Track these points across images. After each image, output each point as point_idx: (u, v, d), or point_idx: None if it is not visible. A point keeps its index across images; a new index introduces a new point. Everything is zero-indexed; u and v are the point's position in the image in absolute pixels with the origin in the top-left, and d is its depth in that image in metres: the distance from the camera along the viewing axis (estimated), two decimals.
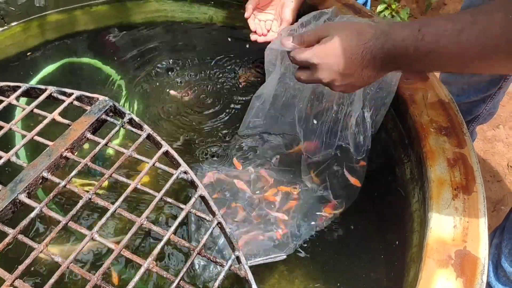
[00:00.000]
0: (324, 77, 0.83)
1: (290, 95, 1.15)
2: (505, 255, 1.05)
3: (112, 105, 0.77)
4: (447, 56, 0.69)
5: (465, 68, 0.73)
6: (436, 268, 0.68)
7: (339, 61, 0.80)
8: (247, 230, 1.04)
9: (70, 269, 0.57)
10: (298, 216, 1.07)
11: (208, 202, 0.66)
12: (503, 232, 1.08)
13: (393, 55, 0.74)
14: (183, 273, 0.58)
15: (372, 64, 0.78)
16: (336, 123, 1.11)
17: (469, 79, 1.30)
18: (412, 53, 0.72)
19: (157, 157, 0.70)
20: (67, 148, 0.70)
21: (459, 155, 0.84)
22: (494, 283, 1.09)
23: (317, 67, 0.83)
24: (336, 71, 0.81)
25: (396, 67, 0.80)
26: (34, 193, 0.67)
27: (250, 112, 1.18)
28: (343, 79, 0.82)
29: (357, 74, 0.81)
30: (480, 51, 0.64)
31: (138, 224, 0.62)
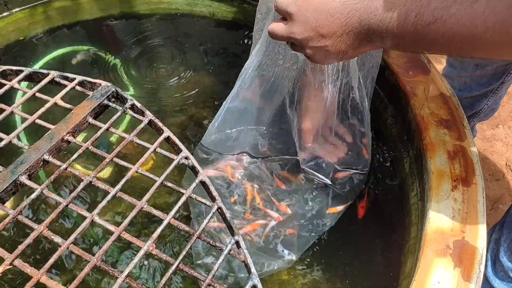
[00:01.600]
0: (298, 31, 0.73)
1: (278, 75, 1.08)
2: (504, 249, 1.05)
3: (114, 90, 0.77)
4: (454, 29, 0.58)
5: (471, 47, 0.60)
6: (434, 258, 0.68)
7: (319, 16, 0.70)
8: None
9: (70, 250, 0.57)
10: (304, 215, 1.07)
11: (208, 187, 0.66)
12: (502, 227, 1.08)
13: (386, 23, 0.64)
14: (182, 256, 0.58)
15: (356, 31, 0.68)
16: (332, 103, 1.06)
17: (472, 73, 1.30)
18: (411, 22, 0.62)
19: (159, 142, 0.71)
20: (69, 131, 0.70)
21: (459, 147, 0.84)
22: (492, 278, 1.09)
23: (293, 17, 0.73)
24: (312, 27, 0.71)
25: (383, 42, 0.68)
26: (35, 175, 0.67)
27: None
28: (317, 39, 0.72)
29: (335, 38, 0.71)
30: (497, 24, 0.55)
31: (138, 208, 0.62)
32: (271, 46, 1.00)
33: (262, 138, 1.17)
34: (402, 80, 1.00)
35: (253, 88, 1.07)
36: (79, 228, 0.59)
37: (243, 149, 1.16)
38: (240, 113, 1.12)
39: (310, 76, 1.00)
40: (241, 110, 1.11)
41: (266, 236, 1.03)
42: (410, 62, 1.04)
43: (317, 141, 1.11)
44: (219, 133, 1.13)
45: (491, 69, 1.27)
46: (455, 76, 1.36)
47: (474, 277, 0.66)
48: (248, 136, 1.16)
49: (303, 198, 1.09)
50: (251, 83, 1.04)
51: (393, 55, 1.06)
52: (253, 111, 1.14)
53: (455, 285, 0.65)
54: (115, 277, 0.55)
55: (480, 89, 1.33)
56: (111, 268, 0.56)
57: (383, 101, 1.11)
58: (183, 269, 0.57)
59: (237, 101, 1.07)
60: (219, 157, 1.15)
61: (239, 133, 1.15)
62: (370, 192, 1.10)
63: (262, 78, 1.06)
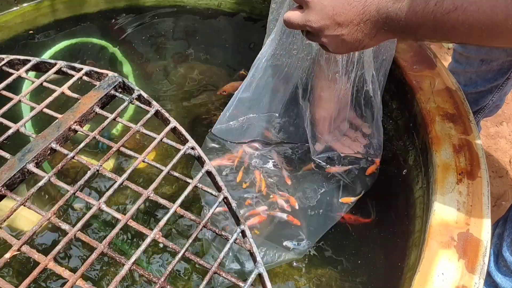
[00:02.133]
0: (314, 19, 0.73)
1: (292, 65, 1.08)
2: (507, 244, 1.05)
3: (121, 81, 0.77)
4: (474, 17, 0.57)
5: (492, 35, 0.59)
6: (439, 249, 0.69)
7: (336, 4, 0.69)
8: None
9: (78, 236, 0.58)
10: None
11: (214, 177, 0.67)
12: (506, 222, 1.08)
13: (405, 12, 0.64)
14: (188, 244, 0.58)
15: (374, 20, 0.68)
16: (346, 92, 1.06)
17: (478, 68, 1.30)
18: (431, 11, 0.61)
19: (165, 133, 0.71)
20: (76, 121, 0.70)
21: (464, 141, 0.84)
22: (494, 273, 1.09)
23: (310, 5, 0.72)
24: (329, 15, 0.71)
25: (402, 31, 0.67)
26: (42, 163, 0.67)
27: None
28: (334, 27, 0.71)
29: (352, 27, 0.70)
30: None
31: (145, 196, 0.63)
32: (285, 36, 1.00)
33: (274, 126, 1.17)
34: (408, 74, 1.00)
35: (266, 78, 1.07)
36: (86, 215, 0.59)
37: (255, 137, 1.17)
38: (252, 103, 1.12)
39: (324, 67, 1.00)
40: (253, 99, 1.11)
41: (273, 227, 1.03)
42: (416, 56, 1.04)
43: (332, 133, 1.11)
44: (230, 121, 1.14)
45: (496, 65, 1.27)
46: (461, 72, 1.36)
47: (478, 269, 0.66)
48: (260, 124, 1.17)
49: (313, 189, 1.09)
50: (264, 72, 1.04)
51: (399, 49, 1.06)
52: (266, 100, 1.14)
53: (459, 277, 0.66)
54: (121, 264, 0.56)
55: (485, 84, 1.33)
56: (118, 255, 0.56)
57: (389, 94, 1.11)
58: (189, 257, 0.58)
59: (250, 91, 1.08)
60: (230, 146, 1.16)
61: (251, 121, 1.15)
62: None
63: (275, 68, 1.07)
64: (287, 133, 1.17)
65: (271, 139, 1.17)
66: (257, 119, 1.15)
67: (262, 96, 1.12)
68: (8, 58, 0.79)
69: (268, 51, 1.02)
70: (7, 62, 0.78)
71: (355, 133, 1.13)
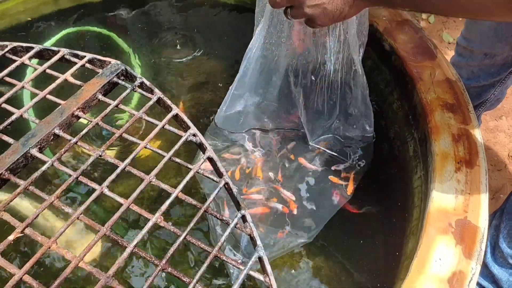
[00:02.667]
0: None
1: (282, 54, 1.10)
2: (503, 236, 1.06)
3: (124, 69, 0.78)
4: None
5: (474, 5, 0.61)
6: (437, 235, 0.70)
7: None
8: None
9: (80, 219, 0.59)
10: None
11: (215, 163, 0.67)
12: (502, 214, 1.09)
13: None
14: (189, 228, 0.59)
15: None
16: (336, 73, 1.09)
17: (481, 62, 1.30)
18: None
19: (167, 120, 0.71)
20: (79, 107, 0.71)
21: (463, 131, 0.85)
22: (491, 264, 1.10)
23: None
24: None
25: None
26: (45, 149, 0.68)
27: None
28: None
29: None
30: None
31: (147, 181, 0.63)
32: (273, 26, 1.01)
33: (270, 114, 1.19)
34: (409, 65, 1.01)
35: (259, 68, 1.09)
36: (89, 199, 0.60)
37: (253, 126, 1.19)
38: (247, 93, 1.14)
39: (312, 51, 1.02)
40: (248, 90, 1.13)
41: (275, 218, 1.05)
42: (416, 47, 1.04)
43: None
44: (228, 112, 1.15)
45: (500, 59, 1.27)
46: (463, 65, 1.36)
47: (475, 255, 0.67)
48: (257, 113, 1.18)
49: (307, 179, 1.10)
50: (255, 62, 1.05)
51: (400, 40, 1.06)
52: (260, 90, 1.15)
53: (456, 262, 0.67)
54: (123, 247, 0.57)
55: (488, 78, 1.33)
56: (120, 238, 0.57)
57: (389, 85, 1.12)
58: (190, 241, 0.59)
59: (244, 82, 1.09)
60: (230, 135, 1.18)
61: (248, 110, 1.17)
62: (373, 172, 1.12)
63: (266, 57, 1.08)
64: (283, 120, 1.18)
65: (269, 127, 1.18)
66: (254, 109, 1.16)
67: (256, 86, 1.13)
68: (11, 45, 0.79)
69: (258, 40, 1.03)
70: (10, 49, 0.79)
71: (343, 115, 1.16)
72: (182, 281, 0.55)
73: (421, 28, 1.10)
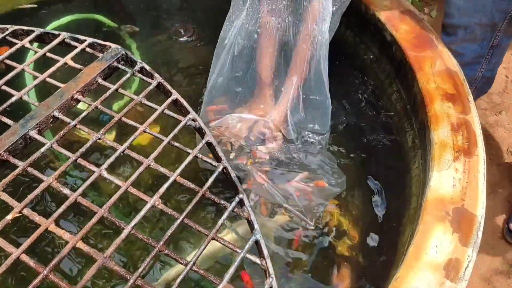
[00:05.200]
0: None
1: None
2: None
3: (124, 53, 0.78)
4: None
5: None
6: (434, 223, 0.70)
7: None
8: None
9: (78, 201, 0.59)
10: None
11: (214, 148, 0.68)
12: None
13: None
14: (187, 211, 0.59)
15: None
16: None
17: (463, 37, 1.30)
18: None
19: (167, 104, 0.72)
20: (79, 90, 0.71)
21: (463, 120, 0.85)
22: None
23: None
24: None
25: None
26: (44, 131, 0.68)
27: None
28: None
29: None
30: None
31: (145, 164, 0.64)
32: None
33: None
34: (409, 55, 1.01)
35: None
36: (88, 180, 0.61)
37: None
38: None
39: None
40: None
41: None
42: (418, 37, 1.04)
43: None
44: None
45: (480, 33, 1.29)
46: (447, 45, 1.36)
47: (472, 243, 0.67)
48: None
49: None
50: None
51: (401, 30, 1.06)
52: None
53: (452, 249, 0.67)
54: (122, 229, 0.57)
55: (471, 55, 1.34)
56: (118, 220, 0.57)
57: (389, 76, 1.12)
58: (188, 224, 0.59)
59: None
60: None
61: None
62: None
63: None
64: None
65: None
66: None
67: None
68: (12, 28, 0.79)
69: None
70: (11, 32, 0.79)
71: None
72: (180, 263, 0.55)
73: (422, 18, 1.10)
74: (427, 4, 2.42)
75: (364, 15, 1.16)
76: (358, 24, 1.22)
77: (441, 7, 2.39)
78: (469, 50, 1.34)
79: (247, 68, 1.17)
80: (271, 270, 0.56)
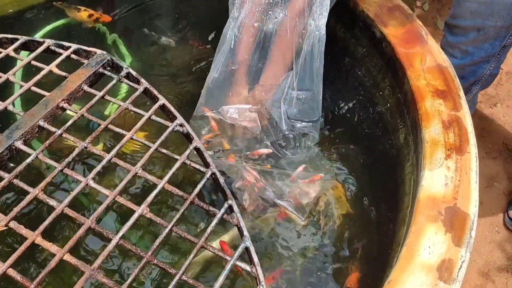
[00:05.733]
0: None
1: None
2: None
3: (109, 59, 0.77)
4: None
5: None
6: (426, 223, 0.69)
7: None
8: None
9: (65, 212, 0.58)
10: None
11: (202, 153, 0.67)
12: None
13: None
14: (175, 219, 0.59)
15: None
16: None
17: (474, 38, 1.28)
18: None
19: (154, 110, 0.71)
20: (64, 99, 0.70)
21: (454, 117, 0.84)
22: None
23: None
24: None
25: None
26: (30, 141, 0.67)
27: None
28: None
29: None
30: None
31: (133, 172, 0.63)
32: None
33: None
34: (399, 51, 1.00)
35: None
36: (74, 191, 0.60)
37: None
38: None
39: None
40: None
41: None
42: (407, 33, 1.03)
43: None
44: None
45: (493, 33, 1.25)
46: (456, 44, 1.34)
47: (465, 242, 0.67)
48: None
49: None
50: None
51: (390, 26, 1.05)
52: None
53: (445, 250, 0.66)
54: (109, 239, 0.56)
55: (482, 55, 1.32)
56: (105, 230, 0.57)
57: (380, 72, 1.11)
58: (176, 232, 0.58)
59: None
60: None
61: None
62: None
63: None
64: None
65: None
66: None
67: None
68: None
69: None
70: None
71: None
72: (168, 272, 0.55)
73: (411, 13, 1.09)
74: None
75: (353, 11, 1.16)
76: (348, 20, 1.21)
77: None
78: (480, 50, 1.31)
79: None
80: (261, 277, 0.55)
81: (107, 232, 0.56)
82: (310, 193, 1.07)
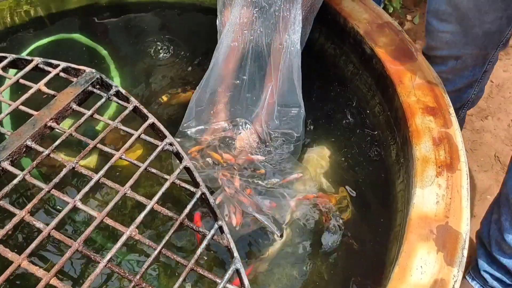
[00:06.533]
0: None
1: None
2: (506, 229, 1.06)
3: (99, 77, 0.76)
4: None
5: None
6: (418, 242, 0.69)
7: None
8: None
9: (52, 235, 0.57)
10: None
11: (192, 173, 0.66)
12: (499, 207, 1.09)
13: None
14: (165, 241, 0.58)
15: None
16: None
17: (453, 67, 1.28)
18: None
19: (143, 129, 0.70)
20: (52, 118, 0.69)
21: (444, 134, 0.85)
22: (501, 258, 1.12)
23: None
24: None
25: None
26: (17, 161, 0.66)
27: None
28: None
29: None
30: None
31: (121, 193, 0.62)
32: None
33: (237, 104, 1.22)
34: (389, 68, 1.00)
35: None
36: (61, 213, 0.59)
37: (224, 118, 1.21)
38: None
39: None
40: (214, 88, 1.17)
41: None
42: (397, 50, 1.04)
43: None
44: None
45: (471, 61, 1.25)
46: (437, 73, 1.34)
47: (457, 261, 0.66)
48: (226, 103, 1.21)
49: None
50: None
51: (381, 43, 1.06)
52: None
53: (438, 269, 0.66)
54: (97, 262, 0.55)
55: (463, 81, 1.32)
56: (93, 253, 0.56)
57: (371, 89, 1.11)
58: (165, 254, 0.57)
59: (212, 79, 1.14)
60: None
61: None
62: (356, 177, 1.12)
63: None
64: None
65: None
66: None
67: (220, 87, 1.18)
68: None
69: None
70: None
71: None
72: None
73: (401, 30, 1.09)
74: (410, 11, 2.43)
75: (344, 27, 1.16)
76: (339, 36, 1.21)
77: (423, 13, 2.41)
78: (461, 78, 1.31)
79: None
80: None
81: (95, 255, 0.55)
82: (292, 209, 1.06)
